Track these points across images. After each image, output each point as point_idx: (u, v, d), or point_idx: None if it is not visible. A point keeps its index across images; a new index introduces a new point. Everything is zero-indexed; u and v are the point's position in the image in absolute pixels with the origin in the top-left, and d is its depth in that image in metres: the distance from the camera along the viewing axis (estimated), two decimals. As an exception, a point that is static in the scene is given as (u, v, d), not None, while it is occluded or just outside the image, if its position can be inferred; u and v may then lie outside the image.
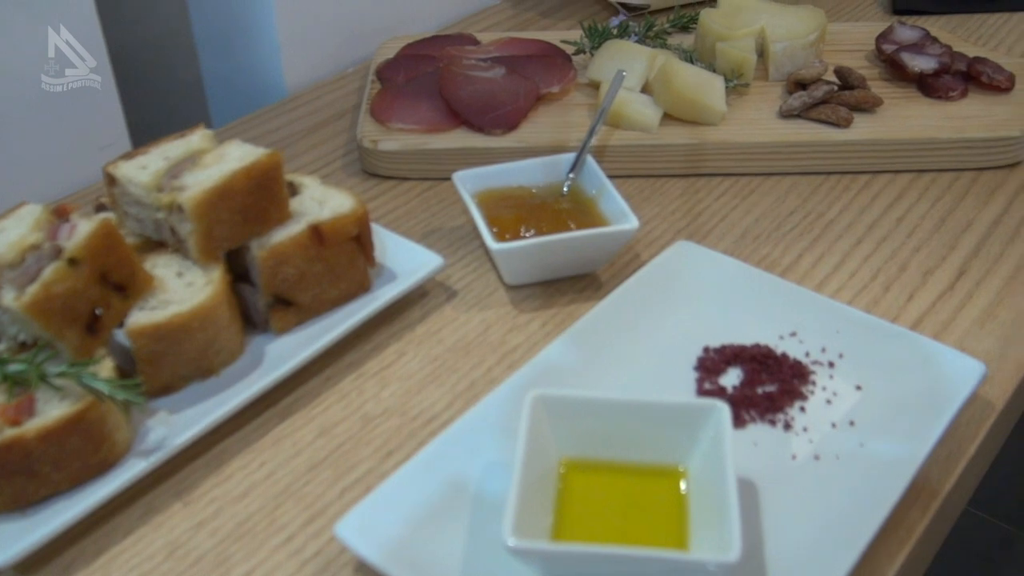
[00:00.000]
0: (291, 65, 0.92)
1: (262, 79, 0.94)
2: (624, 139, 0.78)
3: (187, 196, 0.57)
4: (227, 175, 0.59)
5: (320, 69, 0.95)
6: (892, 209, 0.75)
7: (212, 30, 0.95)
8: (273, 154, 0.61)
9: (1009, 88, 0.82)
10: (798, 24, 0.86)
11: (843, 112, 0.79)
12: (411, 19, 1.01)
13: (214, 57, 0.96)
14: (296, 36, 0.92)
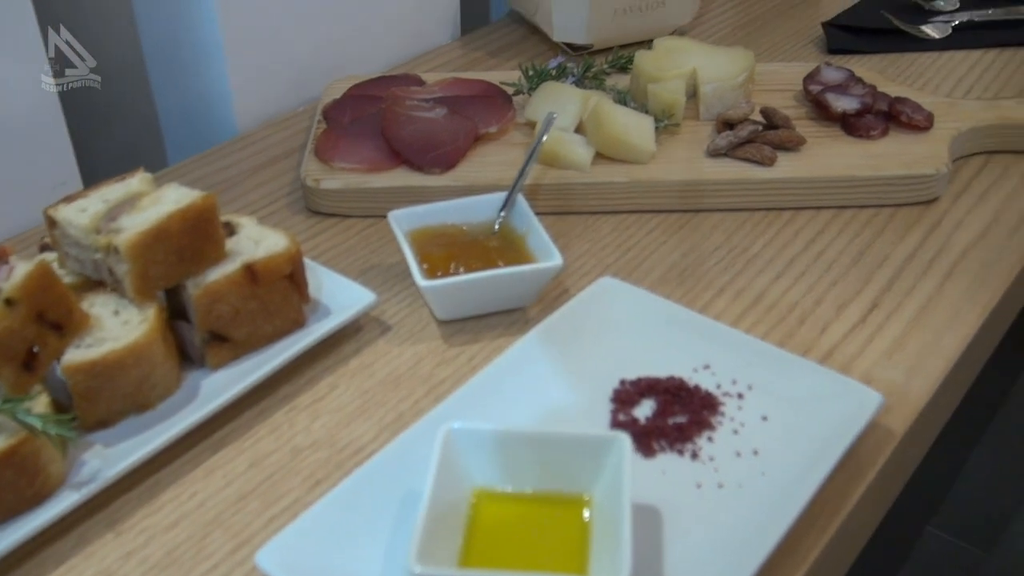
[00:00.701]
0: (242, 105, 0.95)
1: (214, 119, 0.96)
2: (558, 178, 0.82)
3: (123, 238, 0.60)
4: (163, 217, 0.61)
5: (270, 108, 0.98)
6: (813, 244, 0.79)
7: (166, 72, 0.97)
8: (208, 196, 0.64)
9: (928, 127, 0.86)
10: (728, 65, 0.90)
11: (767, 151, 0.82)
12: (361, 59, 1.04)
13: (169, 98, 0.98)
14: (247, 77, 0.94)
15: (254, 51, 0.94)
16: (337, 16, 1.01)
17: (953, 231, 0.80)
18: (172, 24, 0.93)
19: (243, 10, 0.92)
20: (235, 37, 0.92)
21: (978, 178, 0.86)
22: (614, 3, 1.03)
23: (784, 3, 1.21)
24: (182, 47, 0.95)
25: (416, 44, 1.10)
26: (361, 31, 1.04)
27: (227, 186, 0.88)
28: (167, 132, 1.00)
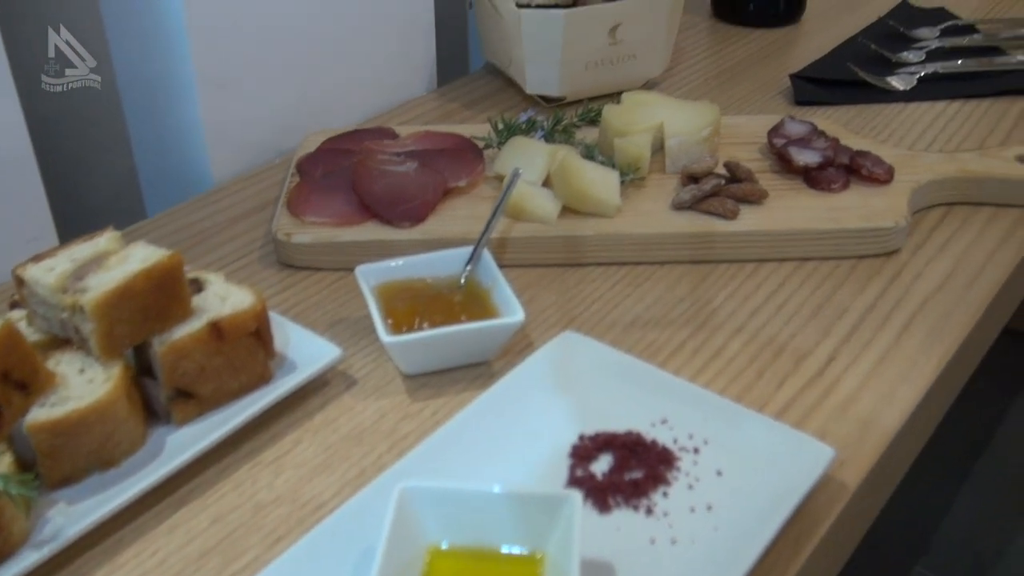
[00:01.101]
0: (218, 159, 0.97)
1: (191, 171, 0.98)
2: (525, 231, 0.83)
3: (88, 298, 0.61)
4: (129, 276, 0.62)
5: (246, 161, 0.99)
6: (774, 296, 0.80)
7: (144, 125, 0.99)
8: (174, 255, 0.65)
9: (888, 180, 0.87)
10: (693, 120, 0.91)
11: (730, 204, 0.84)
12: (339, 110, 1.06)
13: (147, 150, 1.00)
14: (222, 132, 0.96)
15: (230, 105, 0.96)
16: (315, 69, 1.03)
17: (912, 283, 0.81)
18: (150, 79, 0.95)
19: (219, 65, 0.93)
20: (211, 92, 0.93)
21: (938, 229, 0.88)
22: (585, 57, 1.05)
23: (753, 55, 1.23)
24: (159, 101, 0.96)
25: (393, 96, 1.12)
26: (339, 84, 1.06)
27: (202, 238, 0.89)
28: (145, 184, 1.01)
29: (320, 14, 1.01)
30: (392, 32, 1.09)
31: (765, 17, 1.30)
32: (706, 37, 1.29)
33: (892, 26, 1.25)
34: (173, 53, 0.92)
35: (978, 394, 0.86)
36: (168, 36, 0.91)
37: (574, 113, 1.00)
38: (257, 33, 0.95)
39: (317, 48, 1.02)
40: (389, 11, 1.08)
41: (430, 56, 1.14)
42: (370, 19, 1.06)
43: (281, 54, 0.98)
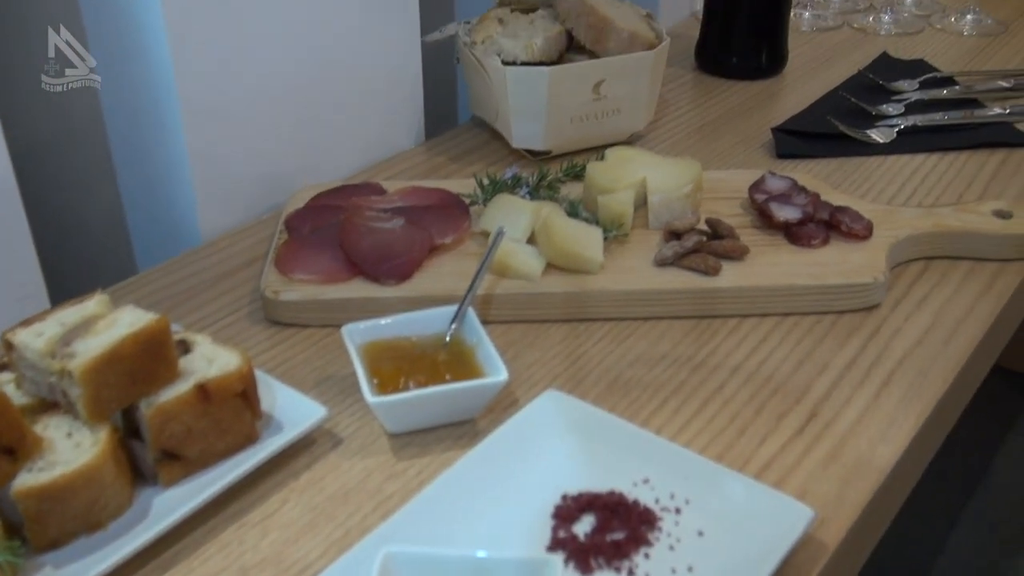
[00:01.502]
0: (207, 215, 0.97)
1: (181, 227, 0.99)
2: (509, 288, 0.84)
3: (76, 363, 0.62)
4: (116, 341, 0.63)
5: (236, 216, 1.00)
6: (756, 352, 0.81)
7: (135, 183, 1.00)
8: (161, 319, 0.66)
9: (867, 236, 0.89)
10: (675, 176, 0.93)
11: (711, 261, 0.85)
12: (328, 165, 1.07)
13: (137, 207, 1.01)
14: (212, 189, 0.97)
15: (219, 162, 0.97)
16: (304, 125, 1.04)
17: (891, 338, 0.82)
18: (141, 137, 0.96)
19: (209, 122, 0.94)
20: (200, 149, 0.94)
21: (917, 284, 0.89)
22: (570, 112, 1.06)
23: (736, 107, 1.25)
24: (150, 158, 0.97)
25: (382, 149, 1.13)
26: (328, 139, 1.07)
27: (191, 295, 0.90)
28: (135, 238, 1.02)
29: (309, 71, 1.02)
30: (381, 88, 1.11)
31: (748, 70, 1.32)
32: (690, 89, 1.31)
33: (872, 79, 1.27)
34: (162, 108, 0.93)
35: (967, 429, 0.87)
36: (158, 87, 0.92)
37: (559, 168, 1.01)
38: (246, 91, 0.97)
39: (306, 104, 1.03)
40: (378, 67, 1.09)
41: (418, 110, 1.16)
42: (359, 75, 1.08)
43: (270, 111, 1.00)
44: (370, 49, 1.07)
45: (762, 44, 1.32)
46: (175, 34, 0.88)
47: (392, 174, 1.10)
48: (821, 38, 1.47)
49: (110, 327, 0.65)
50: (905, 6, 1.54)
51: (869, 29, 1.48)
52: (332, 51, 1.04)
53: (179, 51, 0.89)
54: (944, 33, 1.47)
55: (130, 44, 0.90)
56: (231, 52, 0.94)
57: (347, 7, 1.03)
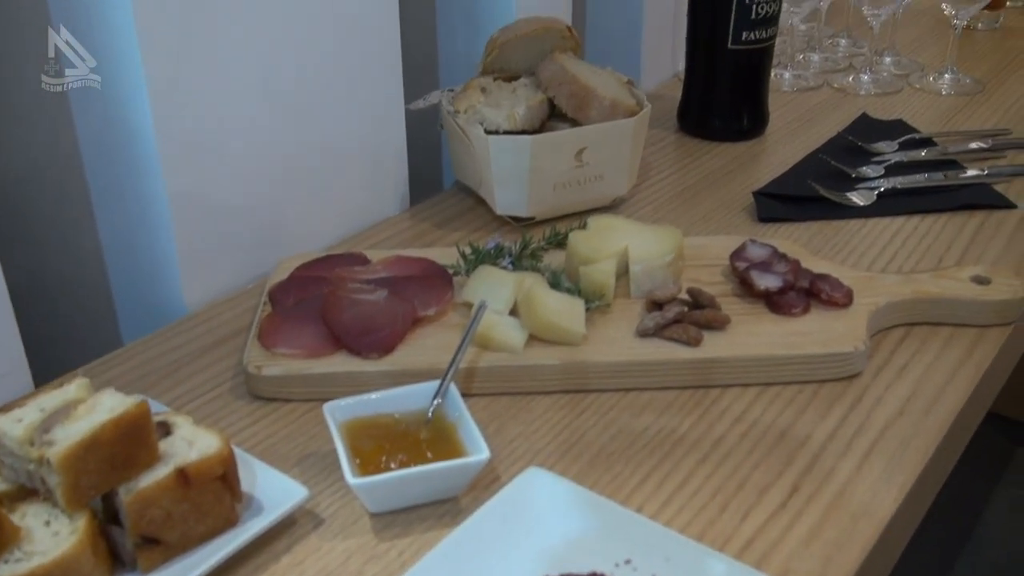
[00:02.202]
0: (190, 287, 0.98)
1: (164, 298, 0.99)
2: (492, 360, 0.84)
3: (54, 451, 0.62)
4: (95, 427, 0.63)
5: (219, 287, 1.00)
6: (738, 424, 0.81)
7: (120, 255, 1.00)
8: (141, 404, 0.66)
9: (847, 304, 0.89)
10: (657, 245, 0.94)
11: (693, 332, 0.85)
12: (311, 234, 1.08)
13: (122, 280, 1.01)
14: (196, 259, 0.97)
15: (204, 234, 0.97)
16: (288, 195, 1.05)
17: (873, 408, 0.82)
18: (126, 211, 0.97)
19: (193, 194, 0.95)
20: (185, 221, 0.95)
21: (898, 351, 0.89)
22: (553, 179, 1.07)
23: (718, 169, 1.26)
24: (134, 229, 0.98)
25: (366, 217, 1.14)
26: (312, 208, 1.07)
27: (174, 368, 0.90)
28: (120, 315, 1.02)
29: (294, 140, 1.03)
30: (366, 156, 1.11)
31: (730, 132, 1.33)
32: (672, 151, 1.32)
33: (851, 140, 1.28)
34: (147, 178, 0.94)
35: (955, 476, 0.87)
36: (142, 161, 0.93)
37: (542, 236, 1.02)
38: (230, 160, 0.97)
39: (291, 174, 1.04)
40: (362, 136, 1.10)
41: (402, 178, 1.17)
42: (343, 144, 1.09)
43: (255, 180, 1.00)
44: (355, 117, 1.08)
45: (743, 106, 1.34)
46: (159, 109, 0.89)
47: (377, 241, 1.10)
48: (802, 98, 1.49)
49: (90, 412, 0.65)
50: (884, 65, 1.56)
51: (849, 89, 1.50)
52: (317, 120, 1.05)
53: (162, 123, 0.90)
54: (923, 93, 1.49)
55: (115, 116, 0.91)
56: (215, 122, 0.95)
57: (331, 75, 1.04)
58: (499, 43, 1.12)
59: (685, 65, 1.35)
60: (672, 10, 1.49)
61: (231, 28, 0.93)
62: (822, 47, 1.64)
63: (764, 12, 1.25)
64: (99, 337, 1.03)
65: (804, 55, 1.62)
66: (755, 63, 1.31)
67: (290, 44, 0.99)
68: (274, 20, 0.97)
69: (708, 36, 1.29)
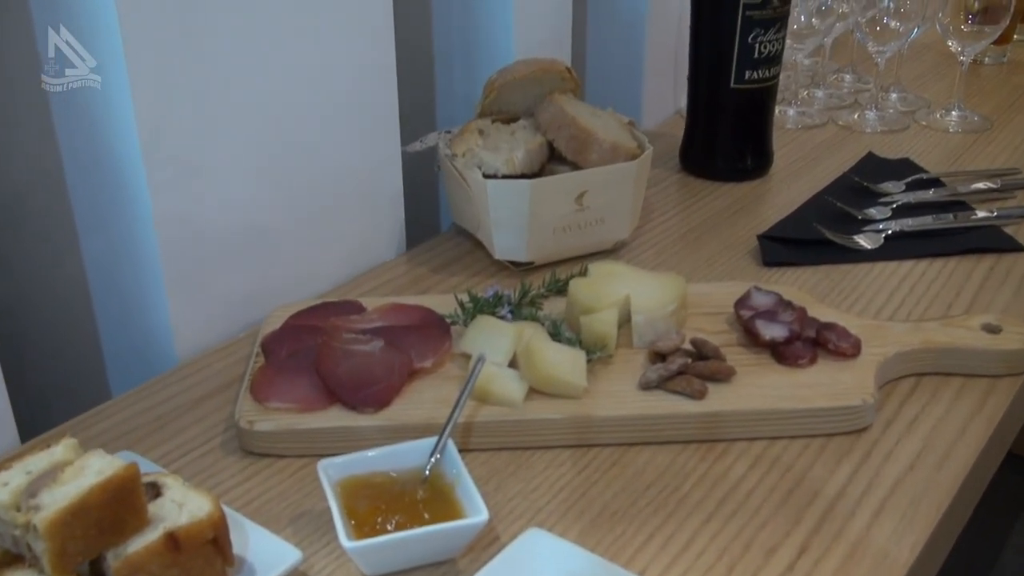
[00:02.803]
0: (182, 336, 0.98)
1: (155, 349, 0.99)
2: (491, 414, 0.84)
3: (41, 517, 0.61)
4: (83, 491, 0.63)
5: (211, 336, 1.00)
6: (744, 481, 0.81)
7: (109, 304, 1.00)
8: (130, 467, 0.65)
9: (855, 355, 0.89)
10: (659, 293, 0.94)
11: (697, 384, 0.85)
12: (305, 281, 1.08)
13: (111, 329, 1.01)
14: (187, 308, 0.97)
15: (196, 282, 0.97)
16: (282, 241, 1.05)
17: (883, 463, 0.82)
18: (114, 254, 0.97)
19: (185, 241, 0.95)
20: (176, 268, 0.95)
21: (908, 402, 0.89)
22: (552, 223, 1.08)
23: (722, 211, 1.26)
24: (126, 279, 0.98)
25: (362, 262, 1.14)
26: (306, 254, 1.08)
27: (165, 422, 0.90)
28: (109, 363, 1.02)
29: (288, 184, 1.04)
30: (362, 200, 1.12)
31: (733, 172, 1.34)
32: (675, 192, 1.33)
33: (857, 181, 1.29)
34: (138, 226, 0.94)
35: (976, 520, 0.86)
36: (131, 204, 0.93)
37: (541, 282, 1.02)
38: (222, 205, 0.97)
39: (285, 218, 1.04)
40: (359, 179, 1.11)
41: (399, 222, 1.17)
42: (339, 188, 1.09)
43: (247, 226, 1.00)
44: (350, 159, 1.09)
45: (747, 145, 1.35)
46: (149, 148, 0.89)
47: (373, 286, 1.11)
48: (806, 136, 1.50)
49: (77, 475, 0.65)
50: (890, 102, 1.57)
51: (854, 126, 1.51)
52: (311, 162, 1.05)
53: (152, 162, 0.90)
54: (929, 130, 1.50)
55: (104, 155, 0.91)
56: (207, 168, 0.95)
57: (327, 116, 1.05)
58: (497, 85, 1.13)
59: (687, 104, 1.36)
60: (673, 48, 1.50)
61: (222, 70, 0.93)
62: (826, 83, 1.65)
63: (767, 51, 1.27)
64: (87, 386, 1.03)
65: (808, 91, 1.63)
66: (758, 102, 1.31)
67: (285, 88, 1.00)
68: (269, 64, 0.97)
69: (710, 75, 1.30)
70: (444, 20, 1.28)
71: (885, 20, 1.44)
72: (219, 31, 0.91)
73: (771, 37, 1.26)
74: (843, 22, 1.50)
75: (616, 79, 1.47)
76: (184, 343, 0.98)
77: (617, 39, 1.45)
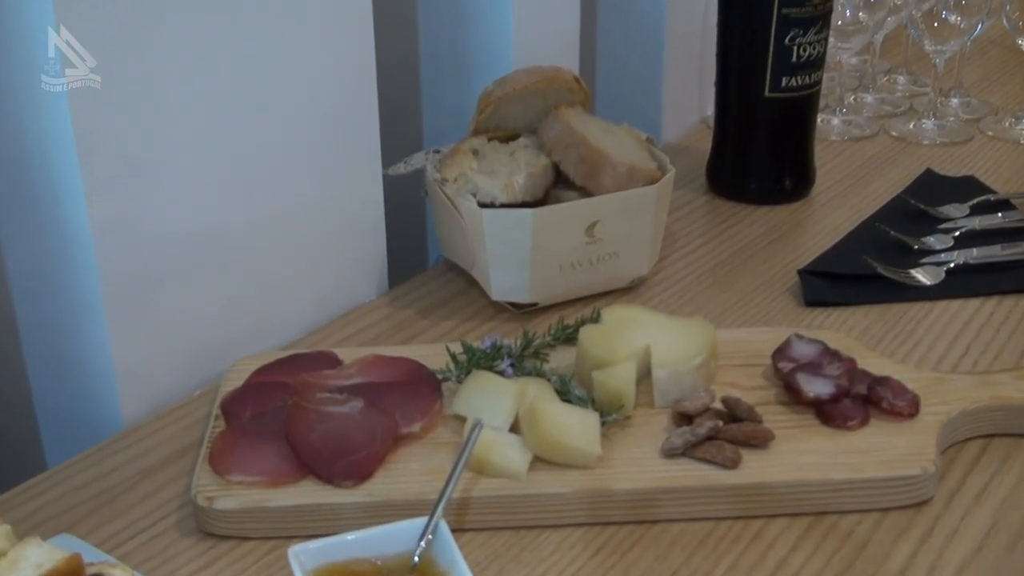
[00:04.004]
0: (128, 394, 0.98)
1: (97, 410, 1.00)
2: (489, 488, 0.85)
3: (-31, 621, 0.62)
4: (18, 589, 0.64)
5: (164, 394, 1.01)
6: (786, 564, 0.81)
7: (45, 356, 1.01)
8: (72, 558, 0.66)
9: (912, 414, 0.91)
10: (685, 343, 0.95)
11: (729, 451, 0.86)
12: (272, 326, 1.09)
13: (47, 386, 1.02)
14: (134, 360, 0.98)
15: (145, 329, 0.98)
16: (245, 280, 1.06)
17: (946, 543, 0.83)
18: (54, 305, 0.98)
19: (129, 283, 0.96)
20: (122, 315, 0.96)
21: (975, 470, 0.90)
22: (559, 259, 1.09)
23: (756, 240, 1.28)
24: (62, 327, 0.99)
25: (337, 303, 1.15)
26: (273, 294, 1.09)
27: (110, 497, 0.90)
28: (43, 425, 1.03)
29: (248, 213, 1.04)
30: (336, 232, 1.13)
31: (769, 194, 1.36)
32: (701, 218, 1.34)
33: (914, 204, 1.30)
34: (75, 260, 0.95)
35: None
36: (68, 238, 0.94)
37: (547, 329, 1.03)
38: (173, 239, 0.98)
39: (246, 253, 1.05)
40: (332, 207, 1.11)
41: (379, 256, 1.18)
42: (309, 216, 1.10)
43: (202, 263, 1.01)
44: (322, 183, 1.10)
45: (785, 163, 1.36)
46: (88, 171, 0.90)
47: (349, 334, 1.12)
48: (854, 149, 1.51)
49: (11, 570, 0.65)
50: (950, 109, 1.59)
51: (910, 137, 1.53)
52: (275, 187, 1.05)
53: (93, 189, 0.90)
54: (997, 141, 1.52)
55: (41, 189, 0.92)
56: (153, 193, 0.95)
57: (294, 133, 1.06)
58: (494, 98, 1.15)
59: (715, 114, 1.38)
60: (698, 50, 1.52)
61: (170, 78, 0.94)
62: (876, 86, 1.67)
63: (808, 54, 1.28)
64: (19, 455, 1.04)
65: (856, 96, 1.65)
66: (798, 113, 1.33)
67: (242, 99, 1.00)
68: (224, 70, 0.98)
69: (741, 82, 1.32)
70: (432, 21, 1.29)
71: (944, 14, 1.46)
72: (169, 25, 0.92)
73: (812, 38, 1.27)
74: (895, 16, 1.52)
75: (631, 88, 1.49)
76: (131, 405, 0.99)
77: (632, 42, 1.47)
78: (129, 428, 0.99)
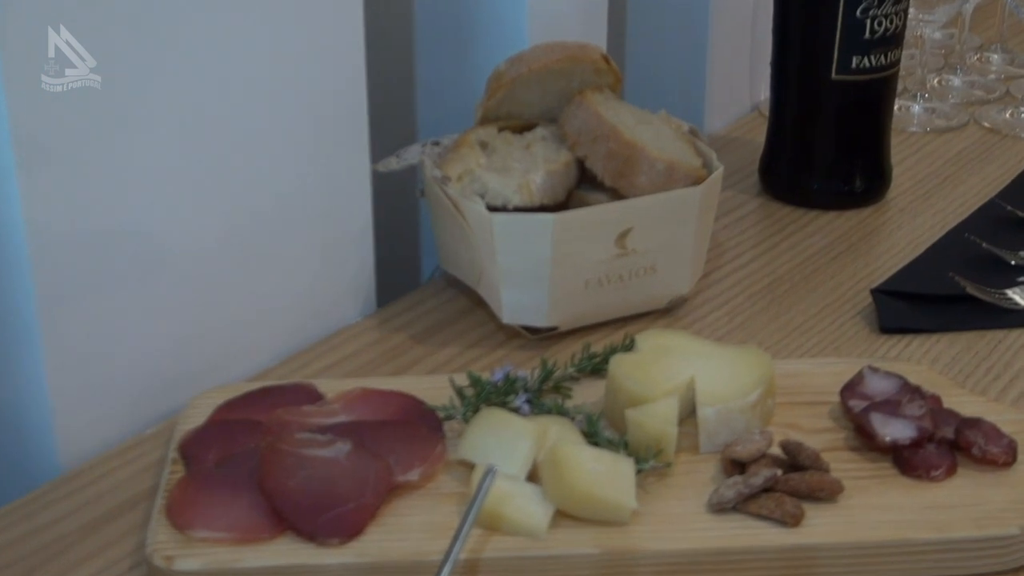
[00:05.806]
0: (67, 433, 1.00)
1: (30, 451, 1.01)
2: (503, 547, 0.87)
3: None
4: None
5: (108, 434, 1.03)
6: (856, 641, 0.84)
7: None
8: (14, 626, 0.69)
9: (1009, 463, 0.93)
10: (737, 376, 0.97)
11: (790, 506, 0.89)
12: (240, 353, 1.11)
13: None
14: (74, 392, 1.00)
15: (85, 356, 1.00)
16: (206, 295, 1.07)
17: (1047, 617, 0.85)
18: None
19: (69, 300, 0.98)
20: (61, 341, 0.98)
21: (1083, 530, 0.92)
22: (584, 274, 1.11)
23: (819, 254, 1.30)
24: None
25: (316, 326, 1.17)
26: (242, 314, 1.11)
27: (47, 556, 0.92)
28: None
29: (214, 220, 1.06)
30: (315, 240, 1.15)
31: (835, 197, 1.38)
32: (754, 225, 1.36)
33: (1011, 211, 1.32)
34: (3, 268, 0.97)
35: None
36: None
37: (570, 359, 1.05)
38: (124, 249, 1.00)
39: (211, 268, 1.07)
40: (312, 210, 1.13)
41: (367, 268, 1.20)
42: (284, 222, 1.12)
43: (157, 278, 1.03)
44: (300, 182, 1.12)
45: (855, 160, 1.38)
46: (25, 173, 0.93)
47: (331, 363, 1.14)
48: (938, 143, 1.53)
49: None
50: (1056, 92, 1.61)
51: (1005, 128, 1.55)
52: (246, 187, 1.07)
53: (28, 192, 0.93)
54: (1111, 134, 1.54)
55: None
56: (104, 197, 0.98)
57: (264, 120, 1.07)
58: (507, 80, 1.17)
59: (771, 102, 1.40)
60: (749, 24, 1.54)
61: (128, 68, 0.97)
62: (966, 67, 1.69)
63: (884, 28, 1.30)
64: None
65: (941, 78, 1.67)
66: (871, 99, 1.35)
67: (213, 90, 1.03)
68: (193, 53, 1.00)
69: (804, 63, 1.34)
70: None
71: (1048, -21, 1.48)
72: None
73: (889, 10, 1.29)
74: (988, -18, 1.55)
75: (670, 69, 1.50)
76: (70, 447, 1.01)
77: (671, 14, 1.48)
78: (68, 473, 1.00)
